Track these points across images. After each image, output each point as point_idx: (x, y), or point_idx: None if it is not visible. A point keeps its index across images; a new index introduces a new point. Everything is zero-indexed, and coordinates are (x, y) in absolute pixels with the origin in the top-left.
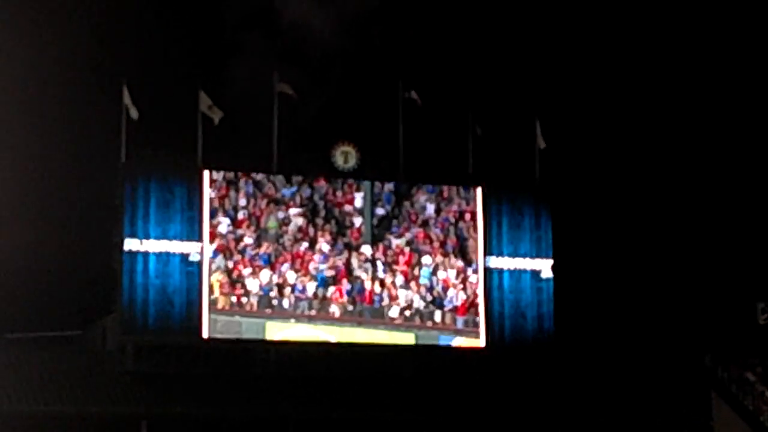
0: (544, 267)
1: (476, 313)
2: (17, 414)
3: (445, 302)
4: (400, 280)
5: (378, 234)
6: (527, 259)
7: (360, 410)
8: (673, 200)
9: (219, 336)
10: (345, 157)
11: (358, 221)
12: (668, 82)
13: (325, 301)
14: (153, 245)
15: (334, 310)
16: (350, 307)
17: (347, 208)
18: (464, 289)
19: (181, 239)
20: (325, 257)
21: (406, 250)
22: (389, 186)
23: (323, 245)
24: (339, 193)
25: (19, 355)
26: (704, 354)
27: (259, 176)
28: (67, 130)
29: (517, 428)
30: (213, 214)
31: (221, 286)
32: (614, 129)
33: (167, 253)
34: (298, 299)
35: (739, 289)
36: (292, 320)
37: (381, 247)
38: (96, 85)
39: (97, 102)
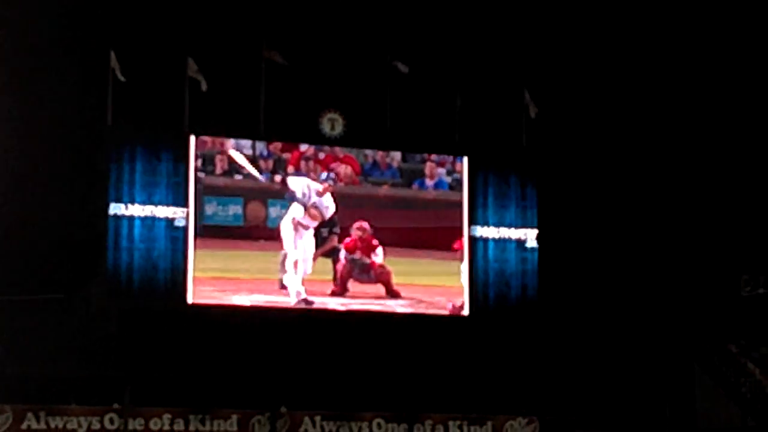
0: (529, 237)
1: None
2: (1, 376)
3: None
4: None
5: None
6: (512, 228)
7: (349, 375)
8: (659, 171)
9: (204, 301)
10: (332, 124)
11: None
12: (659, 54)
13: None
14: (138, 210)
15: None
16: None
17: None
18: None
19: (167, 204)
20: None
21: None
22: None
23: None
24: None
25: (3, 318)
26: (687, 326)
27: None
28: (53, 94)
29: (498, 397)
30: None
31: None
32: (602, 99)
33: (152, 218)
34: None
35: (723, 261)
36: None
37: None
38: (83, 48)
39: (84, 65)
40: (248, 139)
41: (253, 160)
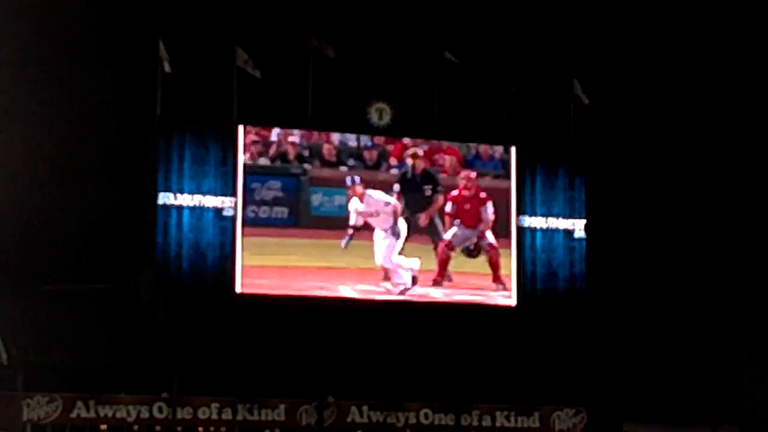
0: (577, 227)
1: None
2: (51, 365)
3: None
4: None
5: None
6: (560, 218)
7: (396, 365)
8: (708, 160)
9: (252, 291)
10: (380, 114)
11: None
12: (711, 44)
13: None
14: (187, 199)
15: None
16: None
17: None
18: None
19: (215, 194)
20: None
21: None
22: None
23: None
24: None
25: (54, 307)
26: (736, 317)
27: None
28: (103, 84)
29: (546, 388)
30: None
31: None
32: (650, 89)
33: (201, 208)
34: None
35: None
36: None
37: None
38: (132, 38)
39: (133, 56)
40: (296, 128)
41: (357, 151)
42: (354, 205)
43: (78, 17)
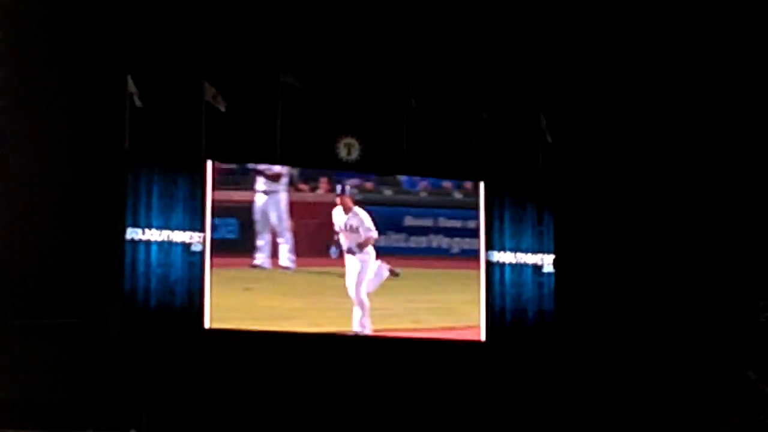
0: (546, 261)
1: None
2: (18, 401)
3: None
4: None
5: None
6: (529, 253)
7: (368, 401)
8: (676, 197)
9: (221, 326)
10: (348, 149)
11: None
12: (674, 77)
13: None
14: (155, 235)
15: None
16: None
17: None
18: None
19: (183, 229)
20: None
21: None
22: None
23: None
24: None
25: (21, 342)
26: (704, 352)
27: None
28: (70, 119)
29: (515, 423)
30: None
31: None
32: (619, 123)
33: (169, 243)
34: None
35: (740, 286)
36: None
37: None
38: (100, 73)
39: (101, 90)
40: (265, 163)
41: None
42: (337, 213)
43: (45, 51)
